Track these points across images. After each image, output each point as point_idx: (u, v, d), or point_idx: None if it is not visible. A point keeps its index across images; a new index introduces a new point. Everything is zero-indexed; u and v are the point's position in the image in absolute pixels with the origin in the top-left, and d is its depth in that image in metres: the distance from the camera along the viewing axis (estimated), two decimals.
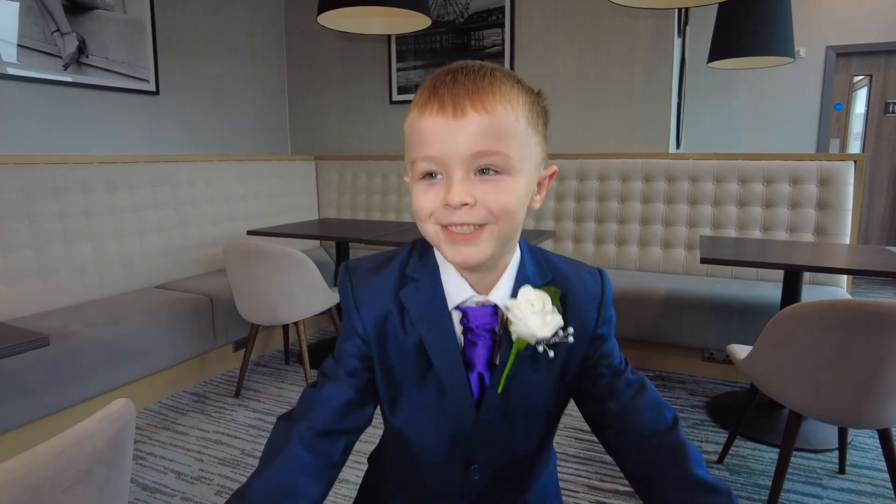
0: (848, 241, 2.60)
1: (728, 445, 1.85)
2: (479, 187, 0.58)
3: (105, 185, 2.61)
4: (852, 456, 1.88)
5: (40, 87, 2.57)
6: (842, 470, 1.79)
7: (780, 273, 2.40)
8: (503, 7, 3.25)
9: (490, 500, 0.72)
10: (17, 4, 2.44)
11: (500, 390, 0.64)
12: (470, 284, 0.65)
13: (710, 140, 4.72)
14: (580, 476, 1.80)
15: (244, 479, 1.77)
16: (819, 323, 1.39)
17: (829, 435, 1.96)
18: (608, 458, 1.88)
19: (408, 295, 0.66)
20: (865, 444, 1.97)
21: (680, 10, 3.06)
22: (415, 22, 2.71)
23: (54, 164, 2.45)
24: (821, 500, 1.66)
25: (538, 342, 0.62)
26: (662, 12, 2.96)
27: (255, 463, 1.85)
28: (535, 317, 0.61)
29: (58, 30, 2.62)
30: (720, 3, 2.35)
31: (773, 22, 2.98)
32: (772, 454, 1.90)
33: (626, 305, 2.60)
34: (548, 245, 3.16)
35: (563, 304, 0.65)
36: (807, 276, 2.61)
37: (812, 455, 1.89)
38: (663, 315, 2.55)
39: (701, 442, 1.99)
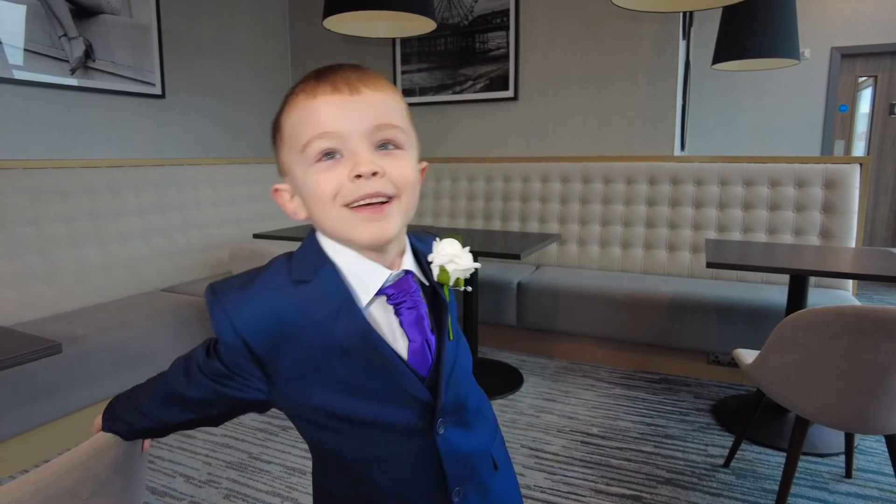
0: (854, 245, 2.60)
1: (734, 450, 1.85)
2: (382, 160, 0.59)
3: (111, 189, 2.63)
4: (859, 460, 1.88)
5: (47, 92, 2.58)
6: (848, 474, 1.79)
7: (786, 276, 2.41)
8: (508, 10, 3.25)
9: (465, 462, 0.68)
10: (24, 9, 2.46)
11: (450, 336, 0.66)
12: (381, 265, 0.63)
13: (714, 142, 4.72)
14: (586, 480, 1.80)
15: (252, 483, 1.78)
16: (826, 329, 1.39)
17: (836, 439, 1.96)
18: (614, 461, 1.89)
19: (304, 303, 0.60)
20: (872, 448, 1.97)
21: (685, 12, 3.06)
22: (420, 25, 2.72)
23: (61, 169, 2.46)
24: None
25: (466, 277, 0.67)
26: (667, 15, 2.96)
27: (263, 467, 1.87)
28: (463, 254, 0.66)
29: (65, 34, 2.63)
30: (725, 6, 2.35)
31: (777, 23, 2.98)
32: (778, 458, 1.90)
33: (631, 308, 2.60)
34: (553, 248, 3.17)
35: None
36: (814, 280, 2.61)
37: (818, 459, 1.89)
38: (668, 318, 2.55)
39: (707, 445, 1.99)
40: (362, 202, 0.58)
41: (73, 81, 2.68)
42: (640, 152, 3.08)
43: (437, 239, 0.69)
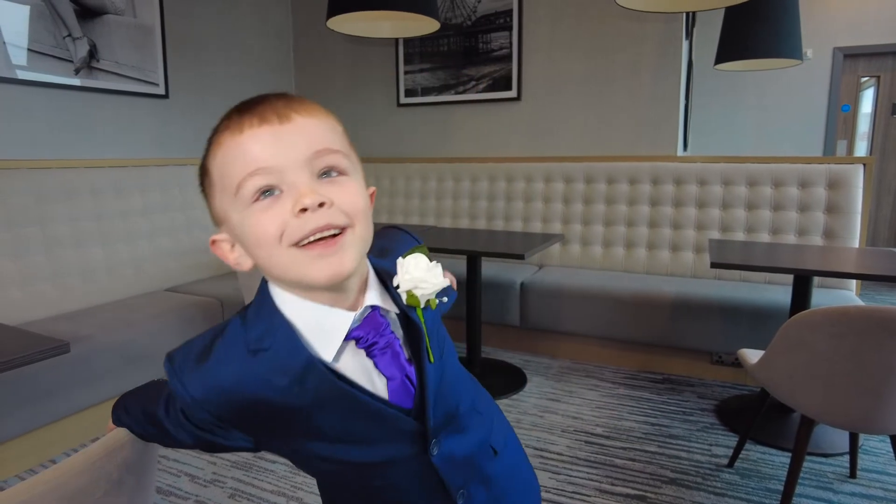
0: (857, 245, 2.60)
1: (738, 449, 1.86)
2: (327, 189, 0.53)
3: (115, 189, 2.63)
4: (863, 460, 1.88)
5: (52, 92, 2.59)
6: (853, 474, 1.80)
7: (789, 276, 2.41)
8: (511, 10, 3.26)
9: (465, 466, 0.67)
10: (28, 9, 2.46)
11: (431, 359, 0.61)
12: (344, 309, 0.58)
13: (716, 142, 4.72)
14: (591, 480, 1.80)
15: (257, 482, 1.79)
16: (831, 329, 1.39)
17: (840, 439, 1.96)
18: (619, 461, 1.89)
19: (267, 372, 0.55)
20: (876, 448, 1.97)
21: (688, 12, 3.06)
22: (423, 26, 2.72)
23: (66, 169, 2.47)
24: None
25: (439, 295, 0.63)
26: (671, 15, 2.96)
27: (268, 466, 1.87)
28: (432, 273, 0.61)
29: (69, 35, 2.63)
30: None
31: (780, 24, 2.98)
32: (782, 458, 1.90)
33: (635, 308, 2.61)
34: (556, 248, 3.17)
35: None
36: (817, 280, 2.61)
37: (823, 459, 1.89)
38: (672, 318, 2.55)
39: (711, 445, 2.00)
40: (312, 238, 0.52)
41: (77, 81, 2.68)
42: (644, 152, 3.08)
43: (401, 258, 0.63)
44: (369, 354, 0.59)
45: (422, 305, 0.61)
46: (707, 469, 1.86)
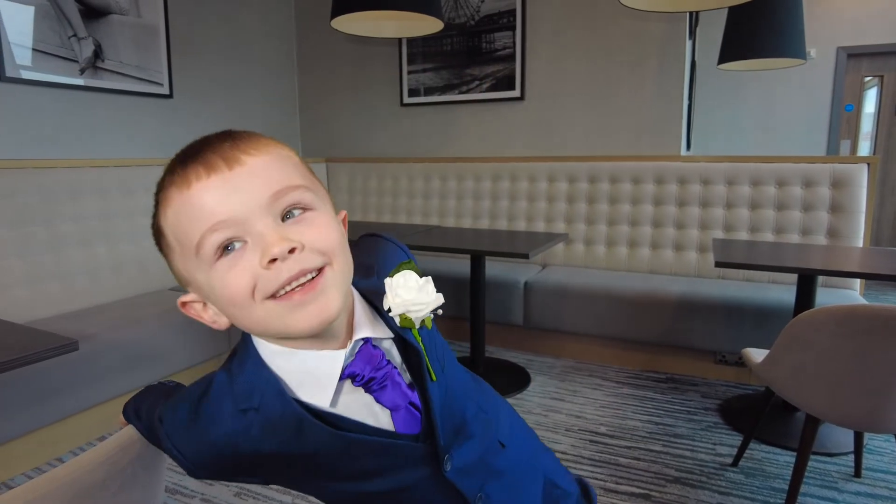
0: (861, 244, 2.60)
1: (743, 449, 1.86)
2: (294, 230, 0.49)
3: (120, 189, 2.64)
4: (868, 460, 1.88)
5: (57, 92, 2.59)
6: (857, 474, 1.80)
7: (793, 276, 2.41)
8: (514, 10, 3.26)
9: (478, 471, 0.66)
10: (33, 10, 2.47)
11: (433, 377, 0.58)
12: (333, 349, 0.55)
13: (719, 141, 4.72)
14: (595, 478, 1.81)
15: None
16: (836, 328, 1.40)
17: (845, 438, 1.96)
18: (623, 460, 1.90)
19: (260, 432, 0.54)
20: (881, 447, 1.97)
21: (691, 12, 3.07)
22: (427, 25, 2.72)
23: (71, 168, 2.48)
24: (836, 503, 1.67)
25: (433, 311, 0.59)
26: (674, 15, 2.96)
27: None
28: (422, 292, 0.57)
29: (74, 35, 2.64)
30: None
31: (784, 23, 2.98)
32: (786, 457, 1.90)
33: (638, 308, 2.61)
34: (559, 248, 3.18)
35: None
36: (821, 279, 2.61)
37: (827, 458, 1.90)
38: (675, 318, 2.56)
39: (715, 445, 2.00)
40: (289, 287, 0.49)
41: (82, 81, 2.69)
42: (647, 152, 3.08)
43: (389, 278, 0.59)
44: (368, 390, 0.56)
45: (417, 326, 0.58)
46: (711, 468, 1.86)
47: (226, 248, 0.49)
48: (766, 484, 1.76)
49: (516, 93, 3.34)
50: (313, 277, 0.50)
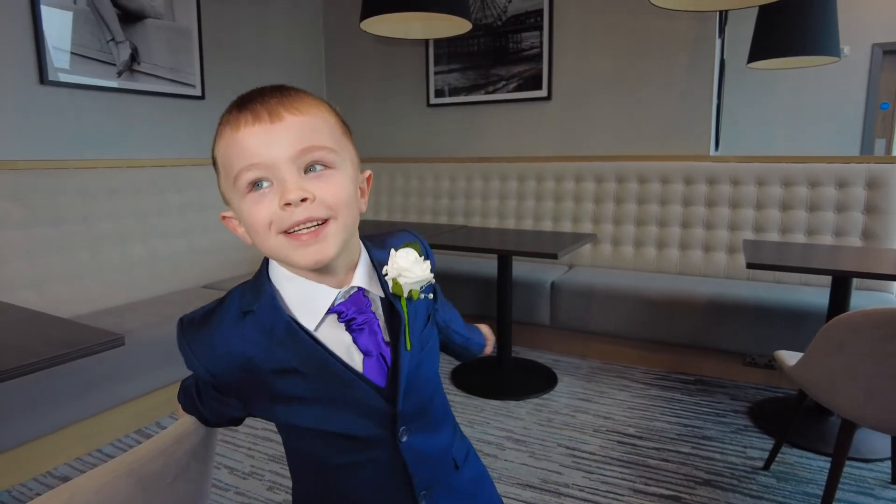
0: None
1: (775, 452, 1.84)
2: (312, 184, 0.59)
3: (155, 188, 2.71)
4: None
5: (95, 94, 2.67)
6: (894, 480, 1.76)
7: (825, 278, 2.37)
8: (542, 10, 3.26)
9: (432, 465, 0.71)
10: (73, 15, 2.54)
11: (408, 346, 0.66)
12: (329, 286, 0.64)
13: (748, 141, 4.64)
14: (624, 479, 1.80)
15: None
16: (874, 331, 1.37)
17: (881, 444, 1.93)
18: (652, 461, 1.89)
19: (251, 332, 0.63)
20: None
21: (721, 10, 3.03)
22: (455, 26, 2.74)
23: (109, 169, 2.55)
24: None
25: (423, 289, 0.68)
26: (703, 13, 2.93)
27: None
28: (417, 265, 0.66)
29: (112, 39, 2.72)
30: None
31: (817, 20, 2.92)
32: (819, 462, 1.88)
33: (666, 309, 2.59)
34: (586, 248, 3.17)
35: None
36: (855, 281, 2.55)
37: (863, 464, 1.86)
38: (704, 319, 2.53)
39: (745, 448, 1.98)
40: (297, 229, 0.59)
41: (119, 84, 2.76)
42: (676, 152, 3.05)
43: (394, 249, 0.68)
44: (349, 329, 0.64)
45: (405, 295, 0.66)
46: (742, 471, 1.84)
47: (256, 184, 0.59)
48: (798, 489, 1.74)
49: (543, 92, 3.33)
50: (318, 225, 0.59)
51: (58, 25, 2.50)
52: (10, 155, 2.30)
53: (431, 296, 0.71)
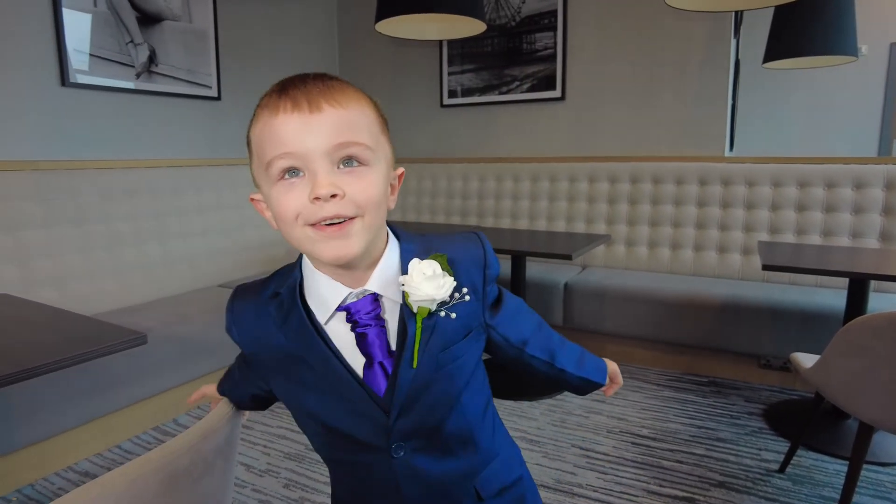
0: None
1: (790, 455, 1.83)
2: (344, 179, 0.57)
3: (171, 188, 2.74)
4: None
5: (114, 95, 2.71)
6: None
7: (841, 280, 2.35)
8: (556, 10, 3.26)
9: (431, 488, 0.69)
10: (93, 18, 2.58)
11: (414, 364, 0.63)
12: (344, 284, 0.64)
13: (763, 141, 4.60)
14: (638, 481, 1.80)
15: (310, 473, 1.85)
16: (894, 334, 1.37)
17: None
18: (666, 463, 1.89)
19: (274, 311, 0.66)
20: None
21: (736, 11, 3.01)
22: (470, 27, 2.75)
23: (127, 169, 2.59)
24: None
25: (439, 307, 0.64)
26: (718, 14, 2.91)
27: (319, 458, 1.92)
28: (428, 282, 0.62)
29: (131, 41, 2.75)
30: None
31: (834, 19, 2.90)
32: (836, 466, 1.86)
33: (681, 310, 2.58)
34: (600, 249, 3.16)
35: (452, 268, 0.65)
36: (872, 283, 2.53)
37: (880, 468, 1.85)
38: (718, 321, 2.52)
39: (760, 450, 1.97)
40: (324, 223, 0.58)
41: (137, 85, 2.80)
42: (690, 153, 3.04)
43: (417, 259, 0.64)
44: (353, 329, 0.64)
45: (414, 309, 0.63)
46: (757, 473, 1.83)
47: (287, 172, 0.58)
48: (815, 492, 1.73)
49: (557, 93, 3.33)
50: (344, 221, 0.58)
51: (78, 28, 2.54)
52: (33, 155, 2.34)
53: (454, 315, 0.65)
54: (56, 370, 1.05)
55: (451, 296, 0.64)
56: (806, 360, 1.68)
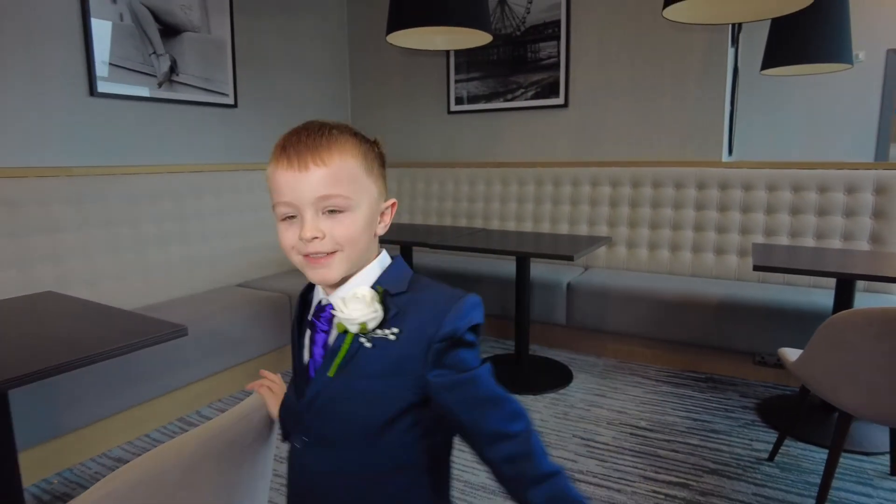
0: None
1: (778, 444, 1.94)
2: (326, 223, 0.71)
3: (192, 192, 2.88)
4: None
5: (138, 104, 2.84)
6: (893, 472, 1.86)
7: (834, 281, 2.45)
8: (559, 21, 3.38)
9: (316, 491, 0.78)
10: (116, 30, 2.72)
11: (331, 373, 0.73)
12: (327, 293, 0.78)
13: (762, 146, 4.71)
14: (635, 468, 1.92)
15: None
16: (870, 329, 1.48)
17: (882, 439, 2.02)
18: (662, 452, 2.00)
19: (301, 297, 0.85)
20: None
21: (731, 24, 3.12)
22: (476, 38, 2.87)
23: (151, 175, 2.72)
24: (871, 499, 1.74)
25: (360, 333, 0.71)
26: (716, 25, 3.02)
27: None
28: (359, 306, 0.71)
29: (154, 52, 2.90)
30: None
31: (829, 29, 3.00)
32: (822, 455, 1.97)
33: (679, 310, 2.70)
34: (601, 251, 3.28)
35: (395, 307, 0.72)
36: (862, 284, 2.65)
37: (864, 457, 1.96)
38: (716, 319, 2.64)
39: (752, 441, 2.09)
40: (310, 255, 0.73)
41: (159, 94, 2.94)
42: (689, 157, 3.16)
43: (365, 286, 0.74)
44: (311, 329, 0.79)
45: (334, 322, 0.74)
46: (747, 462, 1.95)
47: (286, 215, 0.73)
48: (800, 478, 1.84)
49: (560, 100, 3.45)
50: (326, 254, 0.73)
51: (106, 41, 2.68)
52: (65, 162, 2.48)
53: (370, 345, 0.71)
54: (112, 357, 1.18)
55: (377, 329, 0.71)
56: (792, 354, 1.80)
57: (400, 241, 2.86)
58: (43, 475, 1.89)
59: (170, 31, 2.96)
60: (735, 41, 3.29)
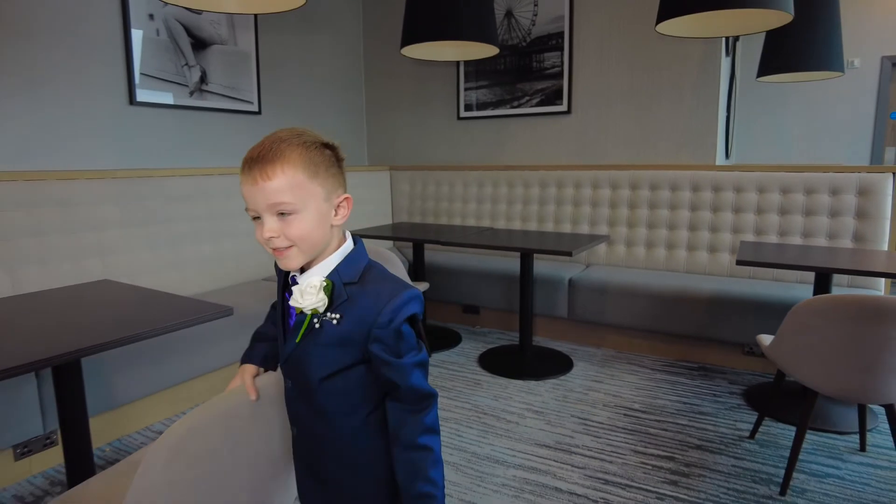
0: (886, 249, 2.79)
1: (758, 423, 2.13)
2: (280, 224, 0.85)
3: (222, 193, 3.10)
4: (875, 438, 2.12)
5: (172, 112, 3.09)
6: (862, 448, 2.04)
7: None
8: (563, 32, 3.58)
9: (304, 433, 0.97)
10: (153, 44, 2.96)
11: (298, 339, 0.91)
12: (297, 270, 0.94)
13: (761, 150, 4.88)
14: (626, 443, 2.11)
15: None
16: (831, 314, 1.67)
17: (853, 418, 2.20)
18: (652, 430, 2.20)
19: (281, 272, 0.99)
20: (889, 428, 2.19)
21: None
22: (484, 51, 3.09)
23: (185, 177, 2.96)
24: (839, 471, 1.92)
25: (312, 314, 0.89)
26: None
27: None
28: (309, 297, 0.87)
29: (186, 63, 3.14)
30: None
31: (822, 38, 3.17)
32: None
33: (675, 304, 2.89)
34: (602, 249, 3.47)
35: (345, 295, 0.88)
36: (846, 279, 2.83)
37: (837, 436, 2.14)
38: (708, 313, 2.82)
39: (736, 421, 2.27)
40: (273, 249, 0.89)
41: (191, 103, 3.18)
42: (685, 161, 3.35)
43: (320, 276, 0.90)
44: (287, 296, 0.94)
45: (290, 302, 0.91)
46: (730, 439, 2.14)
47: (255, 217, 0.88)
48: (776, 453, 2.03)
49: (563, 107, 3.66)
50: (284, 248, 0.88)
51: (144, 55, 2.93)
52: (108, 166, 2.72)
53: (318, 325, 0.90)
54: (172, 331, 1.40)
55: (326, 313, 0.89)
56: (767, 339, 1.99)
57: (412, 238, 3.07)
58: (97, 444, 2.12)
59: (200, 44, 3.20)
60: (731, 50, 3.48)
